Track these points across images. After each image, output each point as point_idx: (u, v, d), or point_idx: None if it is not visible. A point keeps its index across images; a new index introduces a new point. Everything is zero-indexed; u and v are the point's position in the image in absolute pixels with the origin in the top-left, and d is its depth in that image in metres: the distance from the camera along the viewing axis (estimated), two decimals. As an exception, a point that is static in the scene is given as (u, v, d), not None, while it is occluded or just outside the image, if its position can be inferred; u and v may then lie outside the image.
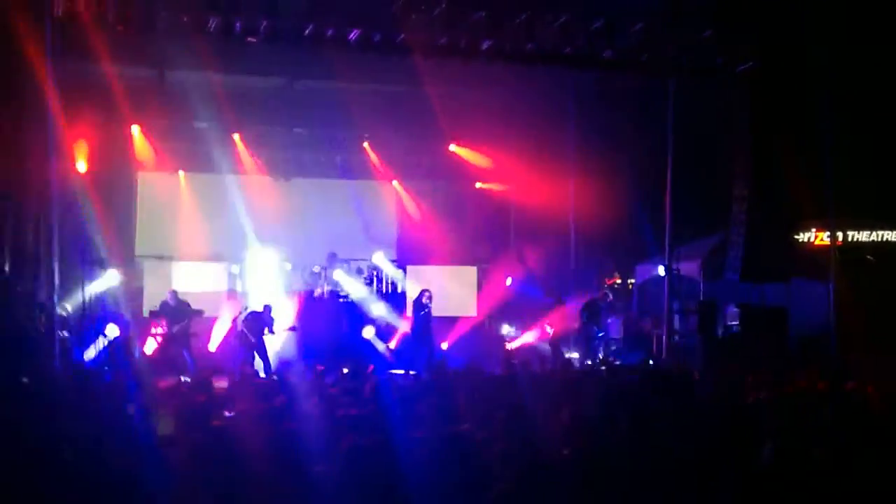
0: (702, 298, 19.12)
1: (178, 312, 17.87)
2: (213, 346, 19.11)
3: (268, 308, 18.06)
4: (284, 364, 17.31)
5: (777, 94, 17.60)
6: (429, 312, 19.47)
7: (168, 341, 17.68)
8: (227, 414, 9.40)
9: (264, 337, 17.68)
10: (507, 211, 23.68)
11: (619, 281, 22.31)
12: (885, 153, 19.73)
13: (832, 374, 12.12)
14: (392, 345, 20.39)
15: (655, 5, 16.95)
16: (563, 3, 16.99)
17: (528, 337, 20.32)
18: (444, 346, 19.73)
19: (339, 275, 21.51)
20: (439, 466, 6.62)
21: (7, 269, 15.86)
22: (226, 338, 18.75)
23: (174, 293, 18.20)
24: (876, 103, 19.45)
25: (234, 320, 18.08)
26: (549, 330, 19.81)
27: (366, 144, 22.64)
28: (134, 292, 20.29)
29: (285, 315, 19.25)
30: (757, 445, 6.91)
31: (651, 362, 18.30)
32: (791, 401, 10.05)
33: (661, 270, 19.28)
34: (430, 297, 19.52)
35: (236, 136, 21.70)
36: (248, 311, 17.88)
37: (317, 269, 21.62)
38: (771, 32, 17.45)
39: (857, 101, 19.22)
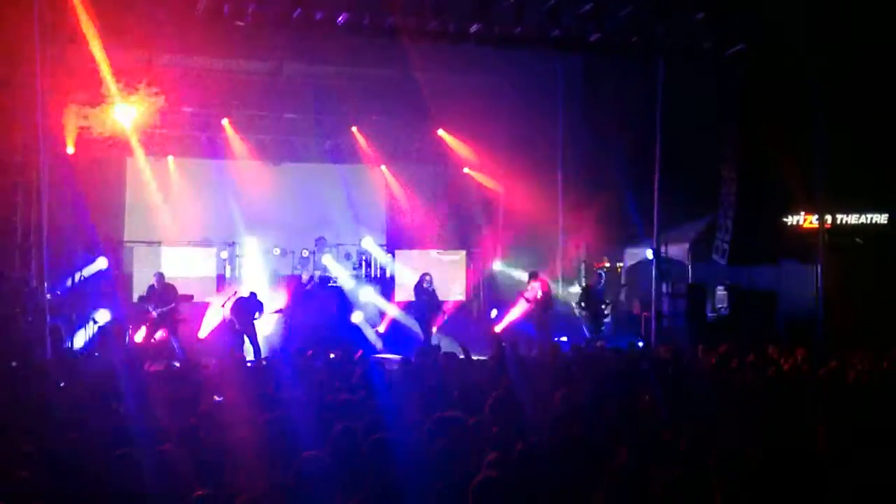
0: (690, 281, 19.19)
1: (164, 296, 17.81)
2: (203, 333, 19.14)
3: (253, 294, 18.04)
4: (274, 350, 17.38)
5: (766, 77, 17.60)
6: (432, 295, 19.51)
7: (155, 326, 17.62)
8: (216, 399, 9.44)
9: (254, 322, 17.68)
10: (495, 195, 23.68)
11: (607, 264, 22.36)
12: (874, 136, 19.78)
13: (816, 354, 12.24)
14: (381, 329, 20.44)
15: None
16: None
17: (512, 314, 20.28)
18: (434, 330, 19.73)
19: (328, 259, 21.54)
20: (428, 451, 6.66)
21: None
22: (218, 325, 18.76)
23: (160, 276, 18.11)
24: (865, 86, 19.49)
25: (223, 307, 18.07)
26: (526, 302, 19.67)
27: (354, 129, 22.59)
28: (123, 278, 20.28)
29: (273, 299, 19.27)
30: (742, 426, 6.98)
31: (640, 344, 18.38)
32: (775, 381, 10.15)
33: (649, 254, 19.34)
34: (430, 281, 19.55)
35: (225, 121, 21.63)
36: (235, 297, 17.85)
37: (305, 253, 21.64)
38: (760, 15, 17.44)
39: (847, 84, 19.26)
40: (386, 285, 22.02)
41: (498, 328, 20.14)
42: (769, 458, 6.05)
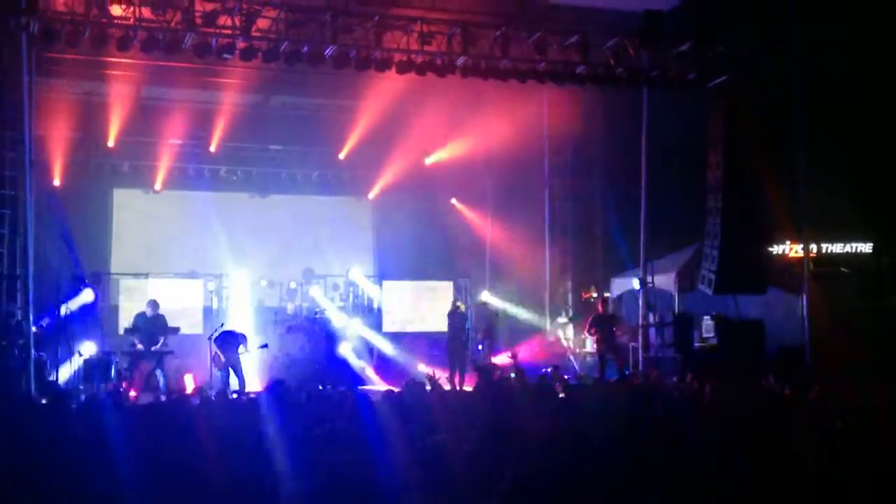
0: (677, 311, 19.22)
1: (155, 327, 17.70)
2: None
3: (230, 330, 17.83)
4: (260, 382, 17.30)
5: (750, 107, 17.74)
6: (465, 320, 19.53)
7: (140, 359, 17.50)
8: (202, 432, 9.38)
9: (239, 355, 17.57)
10: (482, 225, 23.74)
11: (594, 295, 22.40)
12: (858, 165, 19.95)
13: (801, 382, 12.26)
14: (369, 362, 20.33)
15: (629, 22, 17.11)
16: (538, 19, 17.15)
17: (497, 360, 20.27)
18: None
19: (315, 291, 21.50)
20: (416, 482, 6.65)
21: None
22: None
23: (154, 304, 17.96)
24: (849, 116, 19.68)
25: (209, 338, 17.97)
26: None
27: (341, 158, 22.65)
28: (109, 310, 20.18)
29: (257, 330, 19.20)
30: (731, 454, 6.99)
31: (627, 372, 18.38)
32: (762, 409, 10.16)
33: (635, 283, 19.38)
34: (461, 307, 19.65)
35: (212, 153, 21.66)
36: (219, 330, 17.76)
37: (293, 285, 21.61)
38: (743, 46, 17.64)
39: (831, 114, 19.44)
40: (374, 316, 21.99)
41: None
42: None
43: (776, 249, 20.75)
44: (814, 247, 20.23)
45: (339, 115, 21.45)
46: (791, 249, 21.04)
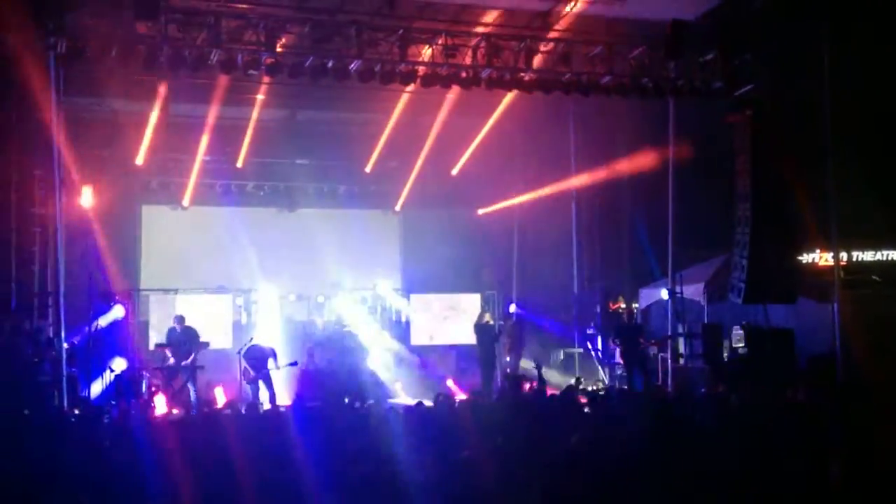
0: (706, 321, 19.10)
1: (185, 342, 17.81)
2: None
3: (256, 345, 17.88)
4: (290, 397, 17.33)
5: (778, 115, 17.63)
6: (493, 331, 19.59)
7: (173, 374, 17.63)
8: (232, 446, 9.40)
9: (269, 369, 17.63)
10: (510, 237, 23.71)
11: (622, 305, 22.31)
12: (888, 172, 19.74)
13: (836, 393, 12.13)
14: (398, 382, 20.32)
15: (654, 32, 17.06)
16: (562, 30, 17.14)
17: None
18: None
19: (343, 304, 21.55)
20: (443, 496, 6.64)
21: (14, 304, 15.91)
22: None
23: (181, 318, 18.09)
24: (879, 123, 19.49)
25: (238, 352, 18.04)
26: None
27: (368, 172, 22.71)
28: (139, 326, 20.33)
29: (286, 346, 19.25)
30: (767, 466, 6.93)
31: (654, 382, 18.29)
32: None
33: (664, 294, 19.28)
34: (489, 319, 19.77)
35: (239, 168, 21.79)
36: (248, 345, 17.83)
37: (321, 299, 21.68)
38: (771, 55, 17.53)
39: (861, 121, 19.26)
40: (401, 329, 22.02)
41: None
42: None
43: (806, 258, 20.55)
44: (844, 255, 20.02)
45: (365, 129, 21.51)
46: (821, 258, 20.84)
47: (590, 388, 16.23)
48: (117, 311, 18.97)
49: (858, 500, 6.31)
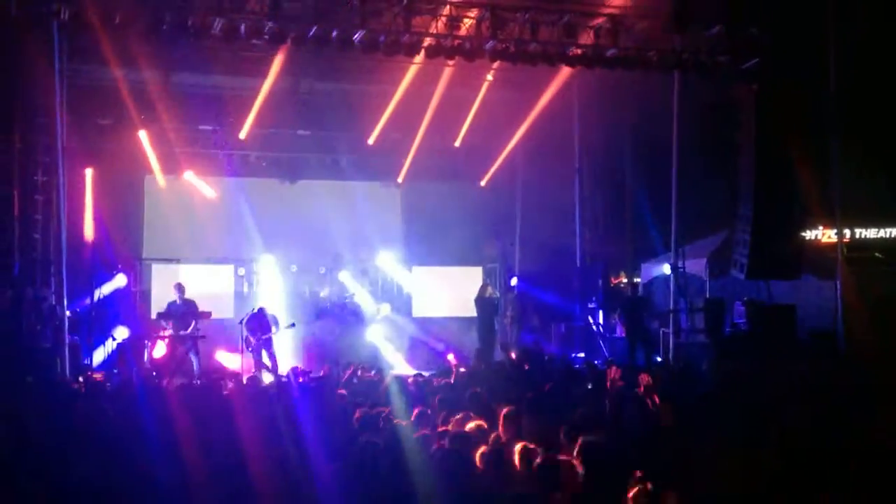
0: (708, 296, 19.11)
1: (185, 312, 17.87)
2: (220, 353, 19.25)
3: (262, 309, 18.03)
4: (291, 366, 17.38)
5: (783, 90, 17.54)
6: (494, 304, 19.64)
7: (175, 344, 17.69)
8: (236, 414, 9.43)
9: (271, 337, 17.70)
10: (512, 210, 23.68)
11: (624, 280, 22.32)
12: (892, 149, 19.70)
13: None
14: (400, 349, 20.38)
15: (659, 4, 16.95)
16: (567, 2, 17.01)
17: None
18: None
19: (345, 276, 21.56)
20: (445, 465, 6.66)
21: (16, 272, 15.92)
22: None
23: (181, 287, 18.19)
24: (884, 99, 19.43)
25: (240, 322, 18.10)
26: None
27: (370, 144, 22.66)
28: (142, 295, 20.37)
29: (287, 314, 19.30)
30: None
31: (656, 357, 18.32)
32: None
33: (666, 269, 19.28)
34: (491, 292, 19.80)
35: (242, 138, 21.72)
36: (250, 313, 17.90)
37: (322, 270, 21.69)
38: (775, 28, 17.42)
39: (864, 97, 19.19)
40: (403, 301, 22.05)
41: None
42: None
43: (809, 234, 20.54)
44: (847, 232, 20.03)
45: (369, 100, 21.40)
46: (824, 234, 20.85)
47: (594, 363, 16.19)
48: (119, 280, 19.03)
49: (858, 473, 6.31)
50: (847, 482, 6.07)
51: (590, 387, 11.85)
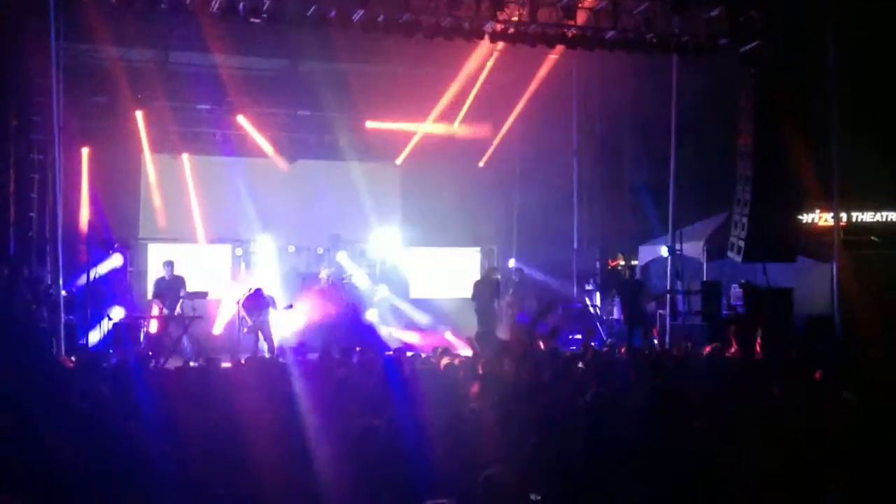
0: (705, 279, 19.12)
1: (172, 287, 17.93)
2: (217, 329, 19.23)
3: (259, 290, 18.00)
4: (288, 347, 17.38)
5: (782, 73, 17.50)
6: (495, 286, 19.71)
7: (167, 323, 17.68)
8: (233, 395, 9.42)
9: (268, 317, 17.69)
10: (510, 191, 23.65)
11: (621, 262, 22.31)
12: (890, 133, 19.69)
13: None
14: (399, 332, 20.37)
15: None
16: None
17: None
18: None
19: (342, 257, 21.52)
20: (445, 445, 6.66)
21: (12, 250, 15.89)
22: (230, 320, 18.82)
23: (170, 264, 18.24)
24: (882, 83, 19.40)
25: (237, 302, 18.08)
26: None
27: (369, 125, 22.57)
28: (138, 275, 20.34)
29: (284, 295, 19.27)
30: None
31: (655, 342, 18.34)
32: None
33: (663, 251, 19.28)
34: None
35: (240, 119, 21.63)
36: (246, 294, 17.88)
37: (320, 251, 21.66)
38: (776, 11, 17.36)
39: (863, 81, 19.16)
40: (400, 283, 22.03)
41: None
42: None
43: (806, 217, 20.54)
44: (844, 215, 20.02)
45: (367, 80, 21.31)
46: (821, 218, 20.85)
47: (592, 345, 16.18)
48: (115, 260, 18.98)
49: (859, 459, 6.33)
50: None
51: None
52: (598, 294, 21.70)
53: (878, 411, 7.95)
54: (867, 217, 21.70)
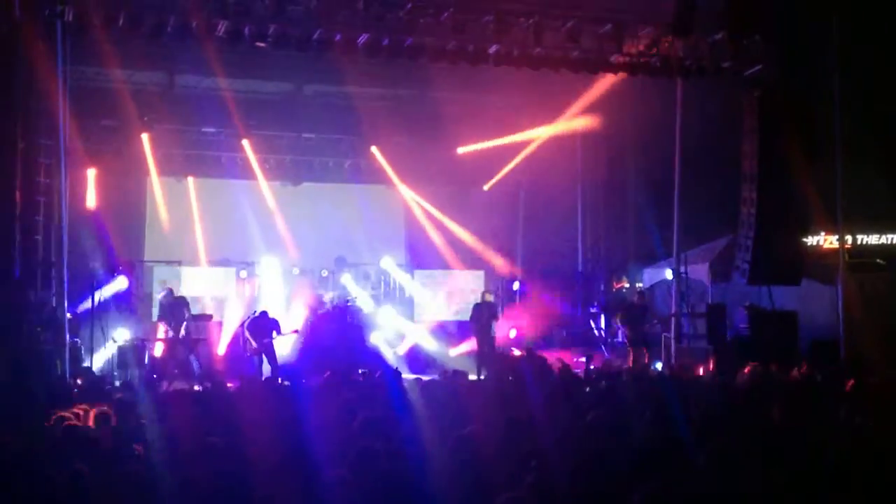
0: (710, 301, 19.08)
1: (176, 313, 17.93)
2: (221, 350, 19.22)
3: (264, 313, 18.00)
4: (292, 369, 17.35)
5: (785, 97, 17.55)
6: (493, 310, 19.62)
7: (173, 345, 17.68)
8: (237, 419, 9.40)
9: (272, 341, 17.67)
10: (515, 214, 23.67)
11: (626, 285, 22.30)
12: (894, 156, 19.69)
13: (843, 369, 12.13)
14: (401, 350, 20.34)
15: (664, 10, 16.91)
16: (572, 6, 16.97)
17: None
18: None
19: (347, 279, 21.54)
20: (447, 469, 6.64)
21: (17, 273, 15.87)
22: (233, 341, 18.80)
23: (169, 291, 18.30)
24: (886, 106, 19.42)
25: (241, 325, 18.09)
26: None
27: (374, 149, 22.63)
28: (143, 297, 20.36)
29: (290, 319, 19.26)
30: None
31: (659, 366, 18.27)
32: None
33: (668, 274, 19.26)
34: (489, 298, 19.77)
35: (245, 142, 21.71)
36: (251, 317, 17.87)
37: (325, 273, 21.66)
38: (779, 35, 17.42)
39: (867, 104, 19.18)
40: (405, 305, 22.02)
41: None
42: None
43: (811, 240, 20.54)
44: (849, 238, 20.01)
45: (372, 103, 21.39)
46: (826, 240, 20.86)
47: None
48: (120, 282, 18.98)
49: (858, 480, 6.30)
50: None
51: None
52: (602, 316, 21.68)
53: (883, 435, 7.93)
54: (872, 240, 21.69)
